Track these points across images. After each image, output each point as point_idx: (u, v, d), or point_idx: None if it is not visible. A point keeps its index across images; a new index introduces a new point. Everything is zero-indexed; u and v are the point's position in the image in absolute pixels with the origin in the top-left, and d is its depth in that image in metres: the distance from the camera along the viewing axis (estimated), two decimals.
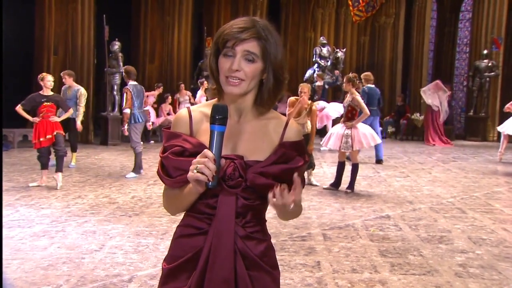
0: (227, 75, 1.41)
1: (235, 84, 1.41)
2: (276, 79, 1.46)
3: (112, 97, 12.70)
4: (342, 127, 7.13)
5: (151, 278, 3.62)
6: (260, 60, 1.42)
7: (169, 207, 1.54)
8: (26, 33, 13.19)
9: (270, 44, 1.43)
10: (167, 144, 1.47)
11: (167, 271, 1.50)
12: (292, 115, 6.87)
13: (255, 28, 1.41)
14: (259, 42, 1.41)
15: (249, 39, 1.40)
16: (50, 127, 6.70)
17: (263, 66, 1.43)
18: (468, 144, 15.26)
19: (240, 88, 1.42)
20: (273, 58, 1.43)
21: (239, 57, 1.40)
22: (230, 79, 1.41)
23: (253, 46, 1.40)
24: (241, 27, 1.40)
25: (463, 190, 7.52)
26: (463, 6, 20.65)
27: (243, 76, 1.41)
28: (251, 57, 1.41)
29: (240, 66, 1.40)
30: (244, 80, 1.41)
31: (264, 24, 1.43)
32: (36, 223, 5.05)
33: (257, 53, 1.41)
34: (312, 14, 18.51)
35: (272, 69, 1.44)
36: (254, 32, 1.40)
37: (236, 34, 1.39)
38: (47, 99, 6.80)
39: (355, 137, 6.92)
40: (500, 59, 16.60)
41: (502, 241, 4.84)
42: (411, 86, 19.57)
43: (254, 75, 1.43)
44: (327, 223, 5.34)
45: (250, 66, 1.41)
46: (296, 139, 1.50)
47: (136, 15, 15.82)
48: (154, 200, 6.19)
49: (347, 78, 7.21)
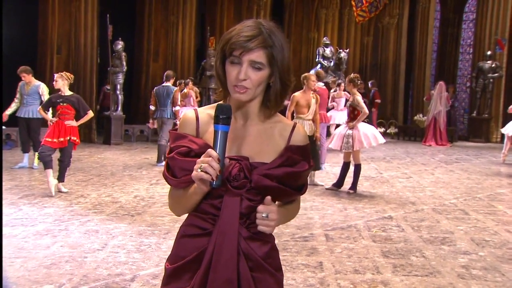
0: (234, 83, 1.42)
1: (241, 92, 1.42)
2: (282, 82, 1.46)
3: (115, 96, 12.70)
4: (345, 127, 7.23)
5: (153, 277, 3.63)
6: (267, 67, 1.42)
7: (174, 208, 1.54)
8: (29, 32, 13.22)
9: (277, 50, 1.42)
10: (173, 145, 1.47)
11: (170, 271, 1.50)
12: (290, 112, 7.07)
13: (262, 35, 1.40)
14: (266, 50, 1.41)
15: (256, 49, 1.39)
16: (64, 131, 6.36)
17: (269, 72, 1.44)
18: (471, 145, 15.23)
19: (247, 95, 1.43)
20: (280, 63, 1.43)
21: (245, 66, 1.40)
22: (237, 88, 1.42)
23: (259, 56, 1.40)
24: (248, 35, 1.39)
25: (466, 191, 7.51)
26: (466, 6, 20.61)
27: (249, 85, 1.41)
28: (258, 66, 1.41)
29: (247, 75, 1.40)
30: (250, 89, 1.42)
31: (270, 29, 1.42)
32: (39, 222, 5.06)
33: (264, 62, 1.41)
34: (316, 15, 18.50)
35: (279, 73, 1.45)
36: (261, 41, 1.39)
37: (243, 44, 1.38)
38: (63, 100, 6.46)
39: (356, 137, 6.96)
40: (504, 60, 16.55)
41: (505, 242, 4.83)
42: (414, 86, 19.54)
43: (261, 82, 1.43)
44: (330, 223, 5.34)
45: (257, 74, 1.41)
46: (302, 143, 1.51)
47: (140, 15, 15.85)
48: (157, 200, 6.20)
49: (348, 79, 7.29)
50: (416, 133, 16.24)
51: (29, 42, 13.15)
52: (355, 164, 7.12)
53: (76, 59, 13.00)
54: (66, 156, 6.50)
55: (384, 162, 10.63)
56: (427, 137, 14.70)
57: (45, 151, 6.32)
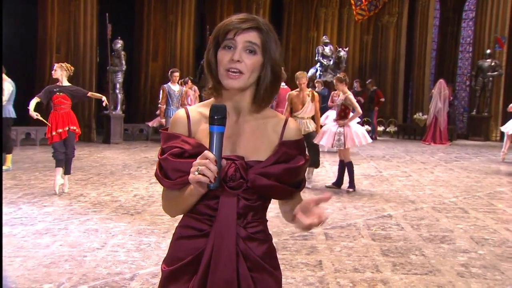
0: (227, 67, 1.41)
1: (235, 77, 1.40)
2: (274, 75, 1.46)
3: (115, 95, 12.69)
4: (334, 125, 7.20)
5: (152, 276, 3.63)
6: (260, 53, 1.42)
7: (169, 209, 1.52)
8: (28, 31, 13.21)
9: (270, 39, 1.43)
10: (165, 145, 1.44)
11: (167, 273, 1.48)
12: (288, 111, 7.05)
13: (256, 20, 1.42)
14: (260, 33, 1.42)
15: (250, 29, 1.40)
16: (62, 121, 6.25)
17: (262, 60, 1.43)
18: (470, 143, 15.23)
19: (239, 81, 1.41)
20: (272, 54, 1.43)
21: (240, 48, 1.40)
22: (230, 72, 1.40)
23: (254, 36, 1.41)
24: (242, 18, 1.41)
25: (465, 189, 7.51)
26: (466, 5, 20.61)
27: (243, 69, 1.40)
28: (253, 48, 1.41)
29: (241, 57, 1.40)
30: (244, 74, 1.41)
31: (264, 20, 1.45)
32: (39, 221, 5.06)
33: (258, 43, 1.41)
34: (315, 13, 18.49)
35: (271, 65, 1.44)
36: (255, 23, 1.41)
37: (237, 24, 1.40)
38: (60, 90, 6.35)
39: (348, 135, 6.98)
40: (503, 58, 16.56)
41: (505, 241, 4.84)
42: (414, 85, 19.54)
43: (254, 68, 1.42)
44: (329, 222, 5.34)
45: (251, 58, 1.41)
46: (296, 137, 1.49)
47: (139, 14, 15.84)
48: (156, 199, 6.19)
49: (338, 79, 7.26)
50: (415, 131, 16.25)
51: (29, 42, 13.13)
52: (346, 162, 7.12)
53: (75, 58, 12.98)
54: (69, 147, 6.39)
55: (383, 160, 10.63)
56: (427, 135, 14.70)
57: (57, 149, 6.27)
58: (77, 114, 6.80)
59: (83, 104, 12.86)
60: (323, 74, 15.02)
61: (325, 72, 15.07)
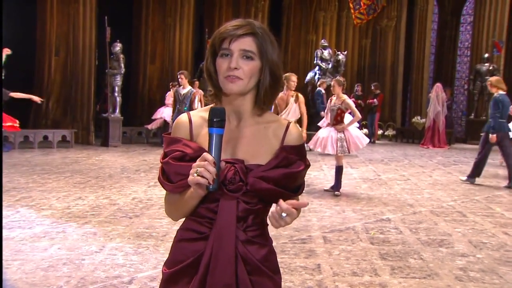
0: (226, 75, 1.41)
1: (234, 81, 1.41)
2: (273, 77, 1.46)
3: (114, 98, 12.68)
4: (332, 131, 7.07)
5: (151, 280, 3.62)
6: (258, 58, 1.42)
7: (171, 213, 1.53)
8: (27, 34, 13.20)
9: (266, 42, 1.43)
10: (167, 149, 1.46)
11: (167, 276, 1.49)
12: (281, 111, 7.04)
13: (250, 25, 1.42)
14: (255, 39, 1.42)
15: (245, 35, 1.41)
16: None
17: (260, 64, 1.43)
18: (469, 147, 15.25)
19: (238, 85, 1.42)
20: (270, 56, 1.44)
21: (236, 56, 1.40)
22: (229, 78, 1.41)
23: (249, 43, 1.41)
24: (236, 25, 1.42)
25: (463, 193, 7.52)
26: (464, 9, 20.67)
27: (241, 75, 1.41)
28: (249, 55, 1.41)
29: (239, 64, 1.40)
30: (243, 79, 1.41)
31: (259, 24, 1.45)
32: (37, 224, 5.05)
33: (254, 50, 1.41)
34: (314, 17, 18.53)
35: (269, 68, 1.44)
36: (249, 28, 1.41)
37: (232, 32, 1.40)
38: None
39: (350, 140, 6.95)
40: (501, 62, 16.60)
41: (503, 245, 4.84)
42: (412, 89, 19.58)
43: (252, 73, 1.42)
44: (328, 225, 5.34)
45: (248, 64, 1.41)
46: (297, 143, 1.49)
47: (138, 17, 15.85)
48: (155, 202, 6.19)
49: (338, 82, 7.16)
50: (414, 135, 16.27)
51: (27, 44, 13.12)
52: (337, 165, 7.09)
53: (74, 61, 12.99)
54: None
55: (382, 164, 10.64)
56: (425, 139, 14.72)
57: None
58: (76, 117, 6.75)
59: (82, 107, 12.86)
60: (321, 77, 15.04)
61: (324, 76, 15.08)
